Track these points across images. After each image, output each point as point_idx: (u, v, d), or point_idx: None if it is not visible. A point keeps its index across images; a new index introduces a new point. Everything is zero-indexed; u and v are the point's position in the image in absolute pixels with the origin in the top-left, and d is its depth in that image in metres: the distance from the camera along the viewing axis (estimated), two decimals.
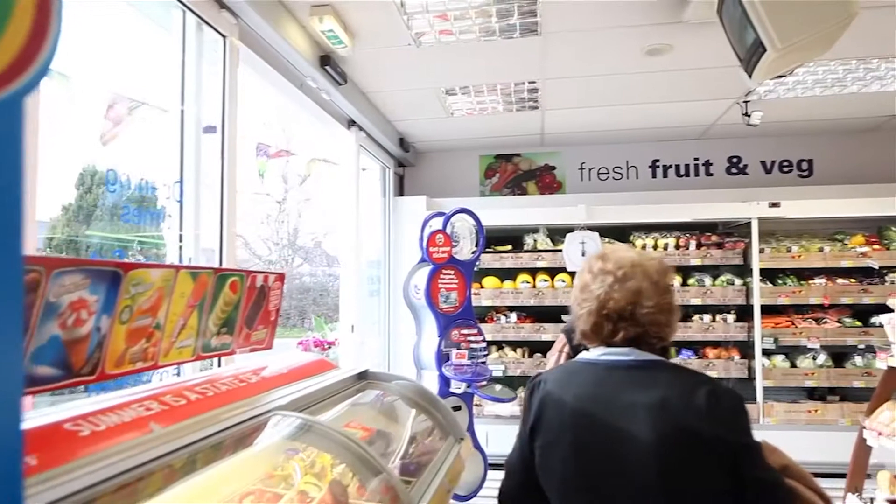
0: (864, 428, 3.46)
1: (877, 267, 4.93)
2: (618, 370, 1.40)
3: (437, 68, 3.80)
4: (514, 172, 5.94)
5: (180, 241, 2.50)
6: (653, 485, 1.26)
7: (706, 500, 1.27)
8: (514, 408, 5.10)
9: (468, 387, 4.27)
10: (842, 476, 3.58)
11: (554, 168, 5.87)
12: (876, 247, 5.00)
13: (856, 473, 3.50)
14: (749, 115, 4.39)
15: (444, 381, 4.16)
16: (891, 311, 3.26)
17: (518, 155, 5.93)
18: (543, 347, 5.32)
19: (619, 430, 1.32)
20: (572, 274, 5.21)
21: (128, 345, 1.21)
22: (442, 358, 4.26)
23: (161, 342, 1.32)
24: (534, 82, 4.10)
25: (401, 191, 6.00)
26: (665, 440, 1.27)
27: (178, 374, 1.76)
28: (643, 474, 1.27)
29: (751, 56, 2.71)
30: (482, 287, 5.41)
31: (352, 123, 4.30)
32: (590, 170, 5.81)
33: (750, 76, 2.81)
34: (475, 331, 4.46)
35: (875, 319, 4.84)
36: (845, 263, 4.97)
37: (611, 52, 3.55)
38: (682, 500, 1.27)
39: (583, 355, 1.49)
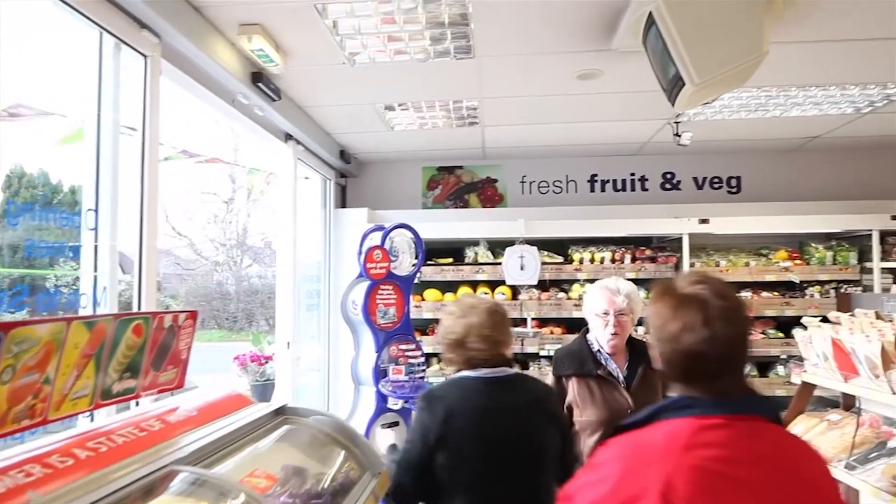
0: None
1: (797, 281, 5.18)
2: (495, 382, 2.04)
3: (373, 86, 3.79)
4: (456, 185, 5.98)
5: (95, 252, 2.39)
6: (533, 455, 2.03)
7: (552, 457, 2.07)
8: None
9: (406, 403, 4.27)
10: None
11: (496, 181, 5.94)
12: (797, 262, 5.26)
13: None
14: (679, 136, 4.54)
15: (382, 398, 4.16)
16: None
17: (461, 167, 5.97)
18: None
19: (509, 424, 2.00)
20: (512, 287, 5.28)
21: (10, 404, 1.16)
22: (379, 374, 4.26)
23: (51, 396, 1.27)
24: (472, 100, 4.13)
25: (343, 202, 5.96)
26: (538, 423, 2.05)
27: (92, 420, 1.70)
28: (528, 451, 2.02)
29: (672, 87, 2.81)
30: (423, 299, 5.42)
31: (289, 137, 4.24)
32: (530, 183, 5.90)
33: (673, 105, 2.92)
34: (413, 345, 4.47)
35: (796, 331, 5.08)
36: (769, 277, 5.21)
37: (544, 75, 3.62)
38: (546, 461, 2.05)
39: (465, 373, 2.07)
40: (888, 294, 3.42)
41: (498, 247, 5.40)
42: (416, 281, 5.32)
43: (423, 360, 4.49)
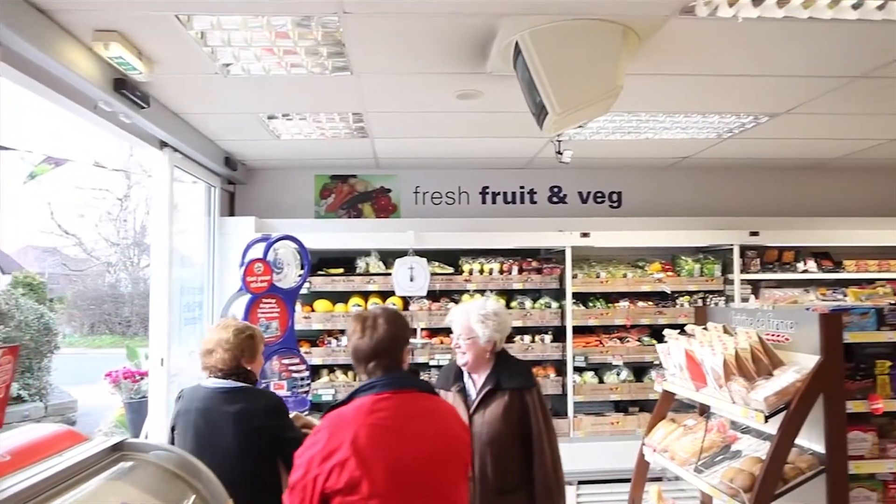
0: (644, 445, 3.87)
1: (669, 291, 5.54)
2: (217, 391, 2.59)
3: (252, 96, 3.70)
4: (350, 193, 5.94)
5: None
6: (232, 451, 2.46)
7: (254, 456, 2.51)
8: None
9: None
10: (649, 481, 3.95)
11: (389, 191, 5.95)
12: (669, 273, 5.63)
13: (636, 485, 3.90)
14: (561, 154, 4.73)
15: None
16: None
17: (354, 176, 5.94)
18: None
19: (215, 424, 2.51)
20: (403, 297, 5.31)
21: None
22: None
23: None
24: (358, 113, 4.12)
25: (231, 209, 5.76)
26: (243, 428, 2.50)
27: None
28: (225, 447, 2.46)
29: (539, 112, 2.93)
30: (313, 310, 5.35)
31: (164, 144, 4.05)
32: (424, 194, 5.96)
33: (541, 128, 3.04)
34: (297, 359, 4.40)
35: (689, 327, 5.44)
36: (645, 288, 5.54)
37: (425, 93, 3.67)
38: (254, 459, 2.51)
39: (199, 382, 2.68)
40: (736, 308, 3.73)
41: (391, 257, 5.41)
42: (305, 291, 5.25)
43: (307, 374, 4.43)
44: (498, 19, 2.68)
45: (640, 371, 5.60)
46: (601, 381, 5.49)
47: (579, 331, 5.51)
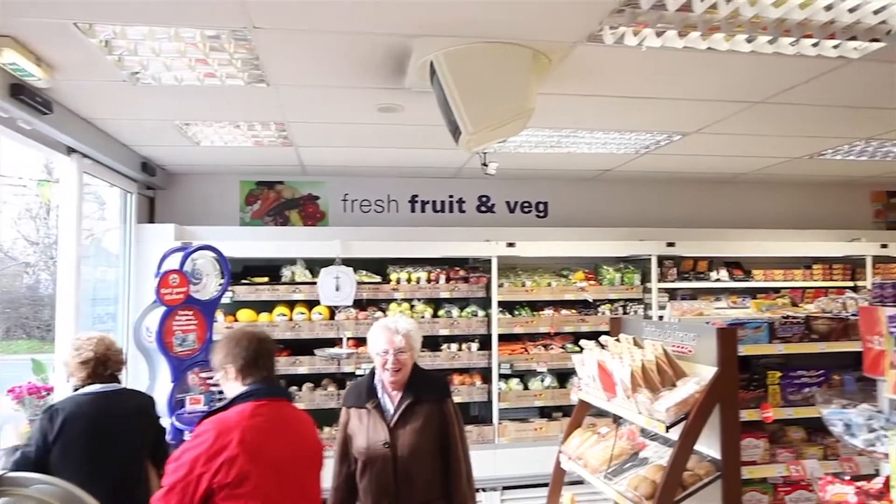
0: (560, 452, 3.98)
1: (591, 300, 5.72)
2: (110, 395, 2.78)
3: (165, 104, 3.59)
4: (276, 200, 5.84)
5: None
6: (136, 445, 2.78)
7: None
8: None
9: None
10: (569, 483, 4.04)
11: (318, 198, 5.89)
12: (592, 282, 5.80)
13: (553, 493, 4.00)
14: (486, 165, 4.79)
15: (177, 430, 3.94)
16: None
17: (281, 183, 5.84)
18: (299, 380, 5.31)
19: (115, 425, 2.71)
20: (330, 307, 5.26)
21: None
22: (175, 405, 4.03)
23: None
24: (281, 123, 4.06)
25: (152, 215, 5.57)
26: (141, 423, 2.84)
27: None
28: (129, 444, 2.73)
29: (454, 130, 2.97)
30: (236, 320, 5.23)
31: (72, 150, 3.88)
32: (353, 201, 5.93)
33: (457, 144, 3.08)
34: None
35: (603, 338, 5.61)
36: (568, 296, 5.69)
37: (346, 105, 3.66)
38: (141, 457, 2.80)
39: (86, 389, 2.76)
40: (647, 321, 3.89)
41: (317, 265, 5.36)
42: (228, 301, 5.14)
43: None
44: (411, 40, 2.70)
45: (563, 377, 5.74)
46: (526, 388, 5.61)
47: (505, 339, 5.61)
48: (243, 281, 5.27)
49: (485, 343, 5.57)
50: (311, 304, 5.30)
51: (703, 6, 2.44)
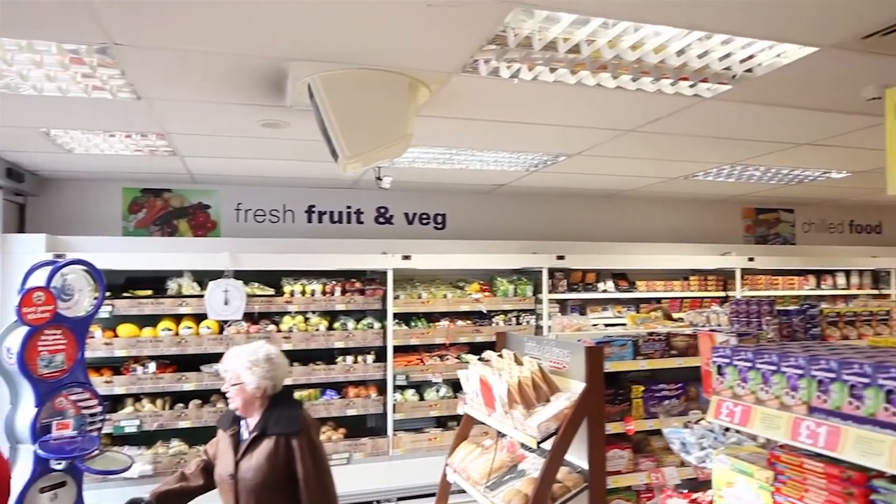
0: (446, 465, 4.06)
1: (486, 311, 5.87)
2: None
3: (26, 112, 3.36)
4: (163, 209, 5.59)
5: None
6: None
7: None
8: (144, 467, 4.77)
9: (75, 461, 3.85)
10: (461, 491, 4.09)
11: (208, 207, 5.69)
12: (487, 294, 5.96)
13: (440, 502, 4.08)
14: (381, 179, 4.81)
15: (40, 459, 3.68)
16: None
17: (169, 190, 5.60)
18: (186, 397, 5.11)
19: None
20: (220, 322, 5.10)
21: None
22: (39, 431, 3.77)
23: None
24: (161, 133, 3.90)
25: (22, 224, 5.18)
26: None
27: None
28: None
29: (332, 152, 2.97)
30: (116, 335, 4.96)
31: None
32: (246, 211, 5.78)
33: (337, 164, 3.08)
34: (88, 394, 4.05)
35: (487, 353, 5.75)
36: (464, 307, 5.81)
37: (227, 120, 3.57)
38: None
39: None
40: (529, 337, 4.03)
41: (207, 277, 5.18)
42: (107, 315, 4.87)
43: (99, 409, 4.09)
44: (286, 63, 2.68)
45: (459, 387, 5.78)
46: (422, 399, 5.67)
47: (402, 350, 5.65)
48: (125, 294, 5.01)
49: (381, 355, 5.58)
50: (199, 317, 5.11)
51: (566, 46, 2.58)
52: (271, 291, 5.33)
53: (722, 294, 6.70)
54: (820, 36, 2.47)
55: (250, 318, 5.22)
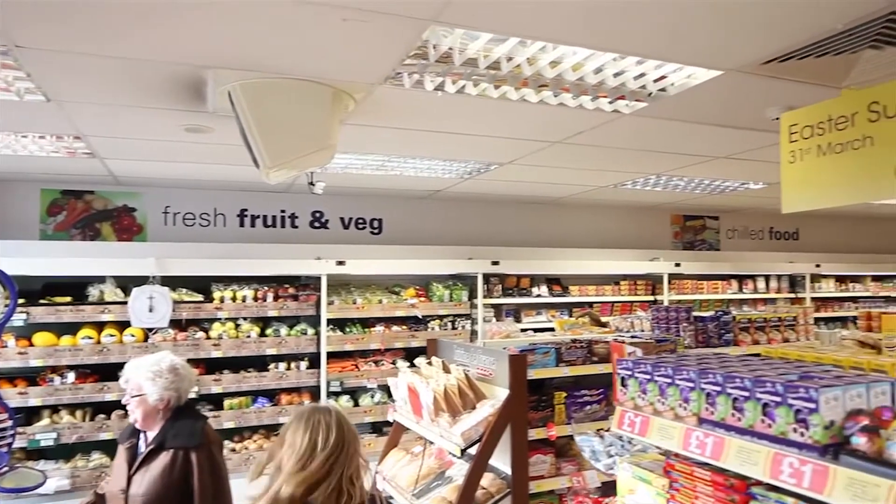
0: (376, 472, 4.06)
1: (421, 316, 5.89)
2: None
3: None
4: (85, 211, 5.36)
5: None
6: None
7: None
8: (61, 482, 4.57)
9: None
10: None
11: (134, 210, 5.49)
12: (422, 299, 5.98)
13: None
14: (314, 185, 4.76)
15: None
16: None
17: (91, 192, 5.38)
18: (108, 408, 4.92)
19: None
20: (145, 330, 4.93)
21: None
22: None
23: None
24: (78, 136, 3.74)
25: None
26: None
27: None
28: None
29: (254, 160, 2.93)
30: (32, 344, 4.73)
31: None
32: (175, 214, 5.61)
33: (259, 172, 3.03)
34: None
35: (417, 360, 5.77)
36: (399, 313, 5.81)
37: (149, 124, 3.47)
38: None
39: None
40: (458, 343, 4.08)
41: (132, 283, 4.99)
42: (21, 323, 4.64)
43: (10, 423, 3.90)
44: (205, 70, 2.63)
45: None
46: (356, 405, 5.64)
47: (336, 356, 5.61)
48: (42, 301, 4.79)
49: (315, 361, 5.52)
50: (122, 325, 4.93)
51: (486, 62, 2.62)
52: (200, 298, 5.19)
53: (651, 298, 6.94)
54: (723, 60, 2.60)
55: (178, 325, 5.08)
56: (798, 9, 2.12)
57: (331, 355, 5.53)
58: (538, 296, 6.46)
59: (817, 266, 7.73)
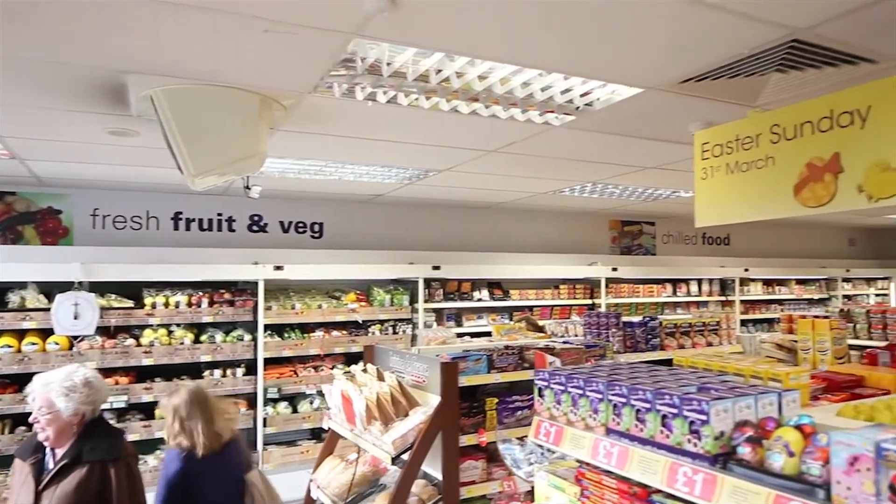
0: (311, 480, 4.02)
1: (361, 321, 5.87)
2: None
3: None
4: (6, 213, 5.11)
5: None
6: None
7: None
8: None
9: None
10: None
11: (60, 212, 5.27)
12: (363, 304, 5.95)
13: None
14: (249, 189, 4.68)
15: None
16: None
17: (13, 193, 5.13)
18: (28, 420, 4.70)
19: None
20: (70, 337, 4.74)
21: None
22: None
23: None
24: None
25: None
26: None
27: None
28: None
29: (179, 166, 2.86)
30: None
31: None
32: (104, 217, 5.41)
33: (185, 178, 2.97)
34: None
35: (352, 368, 5.75)
36: (339, 318, 5.78)
37: (70, 127, 3.35)
38: None
39: None
40: (393, 350, 4.09)
41: (57, 289, 4.79)
42: None
43: None
44: (124, 75, 2.55)
45: None
46: (295, 411, 5.57)
47: (274, 362, 5.53)
48: None
49: (252, 368, 5.43)
50: (46, 332, 4.73)
51: (414, 74, 2.64)
52: (130, 304, 5.03)
53: (589, 302, 7.12)
54: (643, 79, 2.70)
55: (106, 332, 4.90)
56: (707, 34, 2.22)
57: (268, 361, 5.45)
58: (479, 300, 6.53)
59: (746, 270, 8.08)
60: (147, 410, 5.08)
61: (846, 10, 2.02)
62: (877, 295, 9.72)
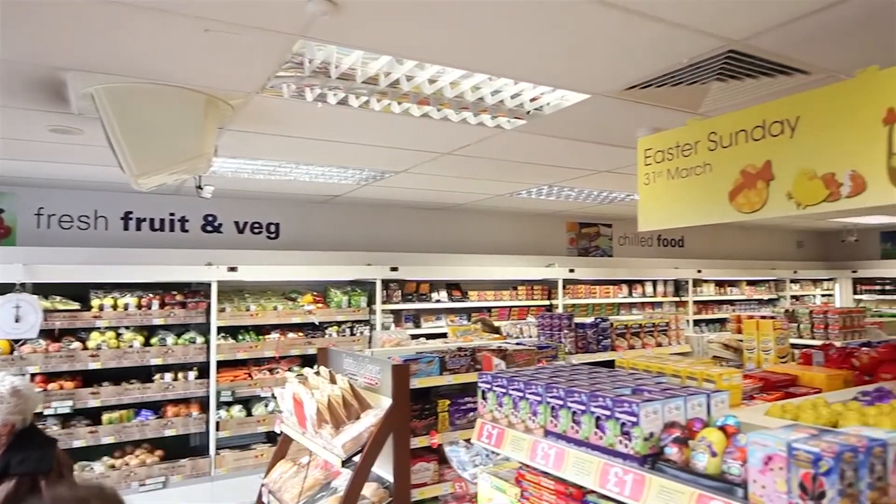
0: (262, 485, 3.97)
1: (318, 323, 5.81)
2: None
3: None
4: None
5: None
6: None
7: None
8: None
9: None
10: None
11: (2, 211, 5.08)
12: (320, 305, 5.90)
13: None
14: (201, 188, 4.59)
15: None
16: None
17: None
18: None
19: None
20: (11, 341, 4.58)
21: None
22: None
23: None
24: None
25: None
26: None
27: None
28: None
29: (121, 166, 2.80)
30: None
31: None
32: (50, 217, 5.23)
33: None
34: None
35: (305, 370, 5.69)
36: (295, 319, 5.71)
37: (7, 123, 3.23)
38: None
39: None
40: (347, 352, 4.07)
41: None
42: None
43: None
44: (62, 72, 2.48)
45: None
46: (250, 414, 5.49)
47: (228, 365, 5.43)
48: None
49: (204, 370, 5.33)
50: None
51: (363, 76, 2.64)
52: (76, 306, 4.88)
53: (547, 303, 7.20)
54: (589, 85, 2.74)
55: (50, 335, 4.75)
56: (647, 43, 2.27)
57: (222, 364, 5.36)
58: (438, 301, 6.54)
59: (699, 272, 8.29)
60: (93, 416, 4.94)
61: (777, 23, 2.09)
62: (822, 295, 10.09)
